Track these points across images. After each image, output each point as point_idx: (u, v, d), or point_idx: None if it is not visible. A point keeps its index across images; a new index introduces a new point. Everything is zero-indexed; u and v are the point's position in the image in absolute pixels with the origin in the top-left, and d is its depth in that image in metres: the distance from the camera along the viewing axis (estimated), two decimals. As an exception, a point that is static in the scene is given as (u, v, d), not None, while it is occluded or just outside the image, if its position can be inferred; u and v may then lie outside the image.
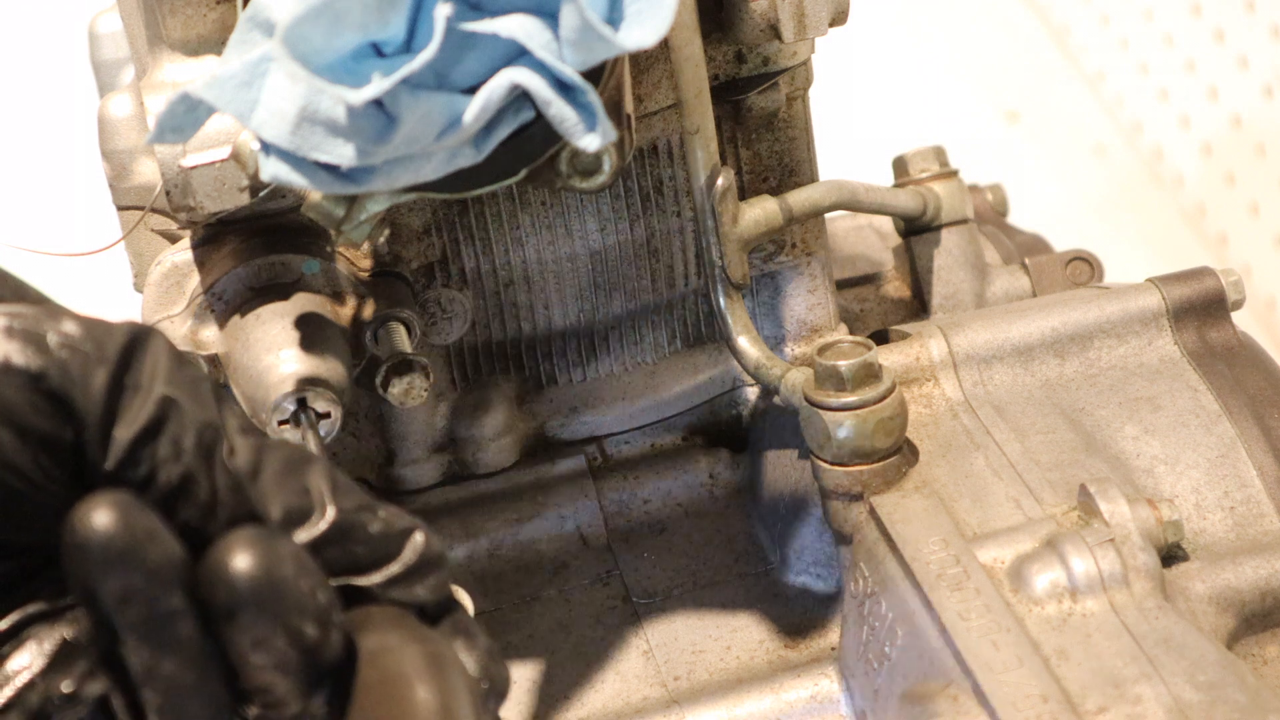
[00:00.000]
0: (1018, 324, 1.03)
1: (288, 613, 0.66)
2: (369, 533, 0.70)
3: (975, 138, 2.16)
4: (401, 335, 0.98)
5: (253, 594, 0.66)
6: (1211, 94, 2.05)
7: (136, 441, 0.67)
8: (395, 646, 0.69)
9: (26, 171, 2.21)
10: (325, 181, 0.83)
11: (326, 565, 0.69)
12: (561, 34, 0.81)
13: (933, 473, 0.97)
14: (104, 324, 0.68)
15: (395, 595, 0.71)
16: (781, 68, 1.01)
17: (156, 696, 0.66)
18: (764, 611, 1.03)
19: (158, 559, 0.65)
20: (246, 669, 0.67)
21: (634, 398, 1.08)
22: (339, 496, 0.70)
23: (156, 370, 0.68)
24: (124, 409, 0.67)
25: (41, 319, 0.67)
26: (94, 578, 0.64)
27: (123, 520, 0.64)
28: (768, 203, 1.01)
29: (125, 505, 0.65)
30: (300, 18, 0.78)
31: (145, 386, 0.67)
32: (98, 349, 0.67)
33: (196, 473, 0.67)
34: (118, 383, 0.67)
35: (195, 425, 0.68)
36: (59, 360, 0.67)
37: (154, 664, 0.66)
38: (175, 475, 0.67)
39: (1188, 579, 0.93)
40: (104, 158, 0.98)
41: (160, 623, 0.65)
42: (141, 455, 0.67)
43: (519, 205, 1.02)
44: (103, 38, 1.18)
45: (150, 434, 0.67)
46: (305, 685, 0.68)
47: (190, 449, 0.67)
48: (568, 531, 1.07)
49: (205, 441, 0.68)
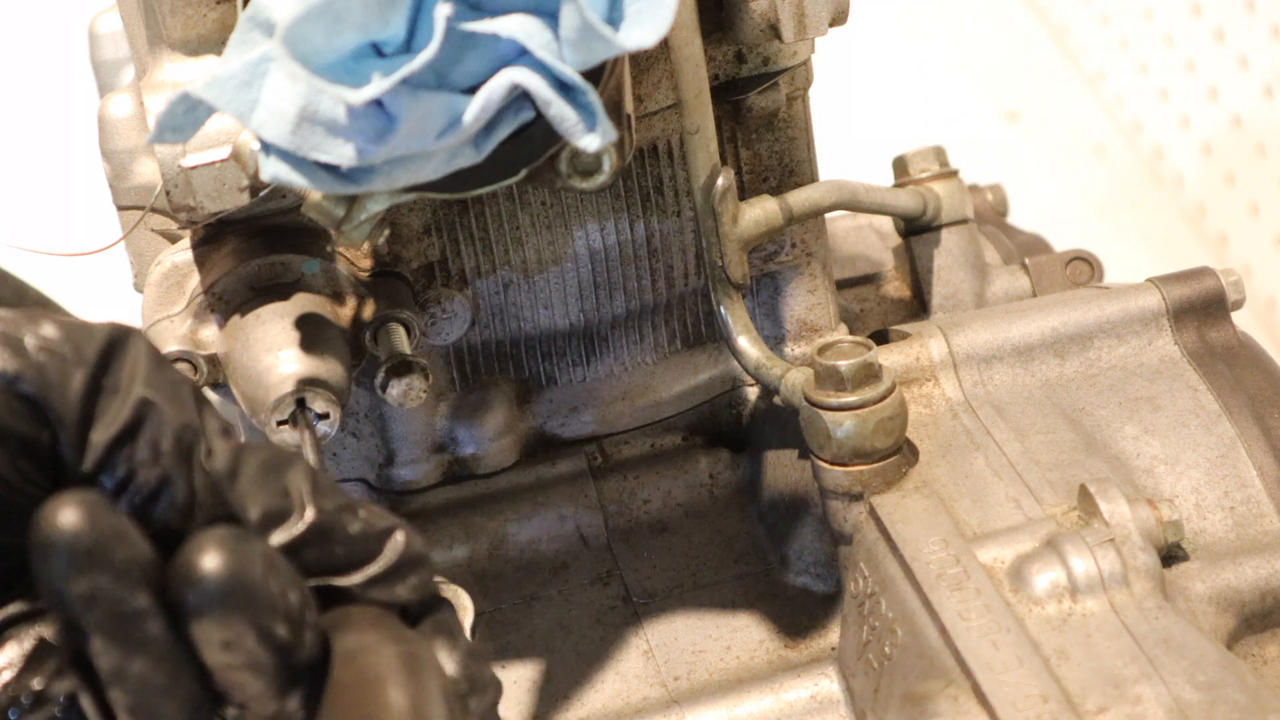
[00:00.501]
0: (1018, 324, 1.03)
1: (257, 612, 0.66)
2: (348, 533, 0.70)
3: (975, 138, 2.16)
4: (401, 336, 0.98)
5: (221, 594, 0.66)
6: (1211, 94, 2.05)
7: (113, 444, 0.67)
8: (371, 646, 0.69)
9: (26, 171, 2.21)
10: (325, 181, 0.83)
11: (305, 566, 0.69)
12: (561, 34, 0.81)
13: (933, 473, 0.97)
14: (84, 326, 0.68)
15: (376, 595, 0.71)
16: (781, 68, 1.01)
17: (126, 696, 0.66)
18: (764, 611, 1.03)
19: (124, 558, 0.65)
20: (218, 670, 0.67)
21: (634, 398, 1.08)
22: (319, 497, 0.70)
23: (135, 372, 0.68)
24: (101, 411, 0.67)
25: (20, 322, 0.67)
26: (60, 577, 0.64)
27: (89, 519, 0.64)
28: (768, 203, 1.01)
29: (92, 504, 0.65)
30: (300, 18, 0.78)
31: (123, 389, 0.67)
32: (76, 352, 0.67)
33: (174, 474, 0.67)
34: (95, 385, 0.67)
35: (173, 427, 0.68)
36: (36, 363, 0.67)
37: (122, 664, 0.65)
38: (153, 477, 0.67)
39: (1188, 579, 0.93)
40: (104, 158, 0.98)
41: (127, 622, 0.65)
42: (119, 457, 0.67)
43: (519, 205, 1.02)
44: (103, 38, 1.18)
45: (127, 436, 0.67)
46: (279, 686, 0.68)
47: (168, 451, 0.67)
48: (568, 531, 1.07)
49: (183, 443, 0.68)
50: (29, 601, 0.68)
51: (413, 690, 0.68)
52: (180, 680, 0.66)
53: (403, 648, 0.70)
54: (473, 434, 1.06)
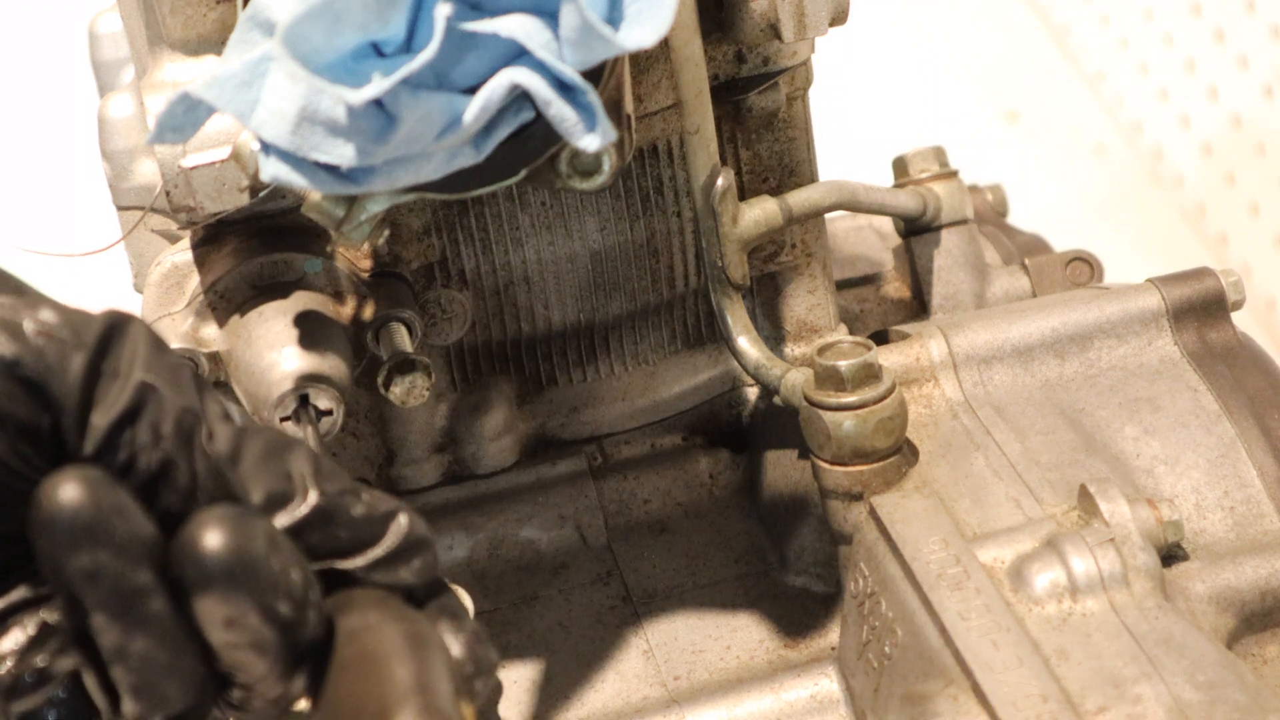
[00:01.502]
0: (1018, 324, 1.03)
1: (260, 590, 0.66)
2: (351, 516, 0.70)
3: (975, 138, 2.16)
4: (403, 335, 0.98)
5: (223, 570, 0.66)
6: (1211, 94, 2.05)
7: (114, 427, 0.67)
8: (374, 625, 0.69)
9: (27, 171, 2.21)
10: (325, 181, 0.83)
11: (309, 549, 0.69)
12: (561, 34, 0.81)
13: (933, 473, 0.97)
14: (83, 312, 0.68)
15: (379, 578, 0.71)
16: (781, 67, 1.01)
17: (129, 675, 0.66)
18: (764, 611, 1.03)
19: (125, 533, 0.65)
20: (222, 649, 0.67)
21: (634, 398, 1.08)
22: (321, 480, 0.70)
23: (135, 357, 0.68)
24: (101, 395, 0.67)
25: (18, 307, 0.67)
26: (60, 553, 0.64)
27: (90, 494, 0.64)
28: (768, 203, 1.01)
29: (92, 480, 0.65)
30: (300, 17, 0.78)
31: (123, 372, 0.67)
32: (75, 336, 0.67)
33: (176, 458, 0.67)
34: (95, 369, 0.67)
35: (174, 411, 0.68)
36: (35, 347, 0.67)
37: (124, 642, 0.65)
38: (155, 461, 0.67)
39: (1188, 579, 0.93)
40: (104, 158, 0.98)
41: (129, 599, 0.65)
42: (120, 441, 0.67)
43: (519, 205, 1.02)
44: (103, 38, 1.18)
45: (128, 419, 0.67)
46: (283, 666, 0.67)
47: (169, 434, 0.67)
48: (568, 531, 1.07)
49: (184, 427, 0.68)
50: (33, 587, 0.68)
51: (417, 667, 0.68)
52: (183, 659, 0.66)
53: (407, 626, 0.70)
54: (473, 434, 1.06)
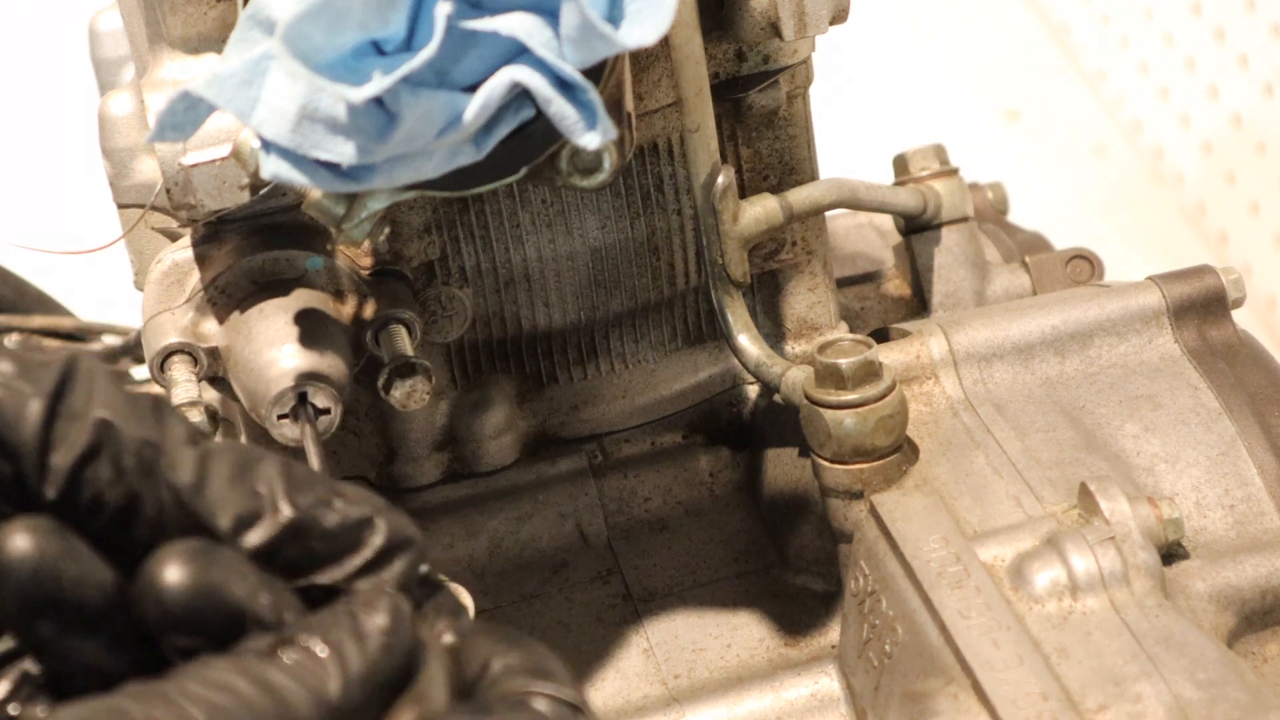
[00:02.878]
0: (1018, 322, 1.03)
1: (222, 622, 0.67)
2: (325, 528, 0.70)
3: (975, 136, 2.16)
4: (403, 337, 0.97)
5: (183, 606, 0.66)
6: (1211, 93, 2.05)
7: (75, 467, 0.67)
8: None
9: (27, 170, 2.22)
10: (325, 179, 0.83)
11: (285, 565, 0.69)
12: (562, 32, 0.81)
13: (933, 471, 0.97)
14: (39, 359, 0.69)
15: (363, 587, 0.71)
16: (782, 66, 1.01)
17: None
18: (764, 610, 1.03)
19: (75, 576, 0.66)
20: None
21: (634, 396, 1.08)
22: (292, 493, 0.70)
23: (91, 396, 0.68)
24: (60, 437, 0.67)
25: None
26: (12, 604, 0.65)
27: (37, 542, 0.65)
28: (768, 201, 1.01)
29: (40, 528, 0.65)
30: (301, 16, 0.78)
31: (80, 413, 0.68)
32: (31, 384, 0.68)
33: (140, 491, 0.68)
34: (52, 413, 0.67)
35: (133, 444, 0.68)
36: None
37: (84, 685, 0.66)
38: (119, 496, 0.68)
39: (1188, 577, 0.93)
40: (104, 156, 0.98)
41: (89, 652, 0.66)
42: (83, 480, 0.67)
43: (519, 203, 1.02)
44: (103, 35, 1.18)
45: (89, 458, 0.67)
46: None
47: (131, 468, 0.68)
48: (568, 529, 1.07)
49: (145, 460, 0.68)
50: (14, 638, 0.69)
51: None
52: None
53: None
54: (473, 432, 1.06)
